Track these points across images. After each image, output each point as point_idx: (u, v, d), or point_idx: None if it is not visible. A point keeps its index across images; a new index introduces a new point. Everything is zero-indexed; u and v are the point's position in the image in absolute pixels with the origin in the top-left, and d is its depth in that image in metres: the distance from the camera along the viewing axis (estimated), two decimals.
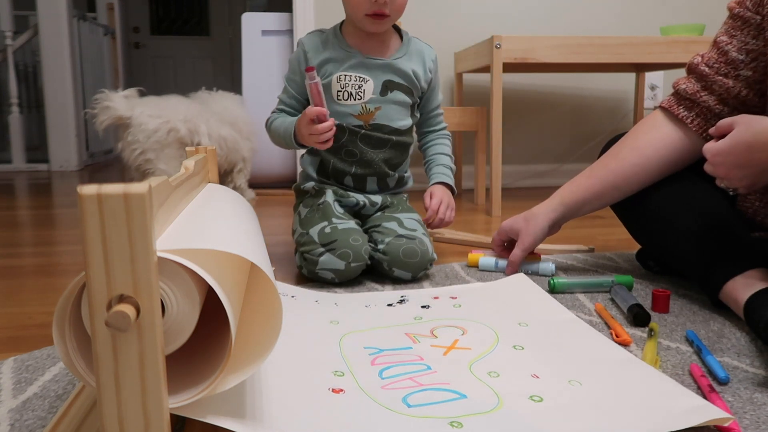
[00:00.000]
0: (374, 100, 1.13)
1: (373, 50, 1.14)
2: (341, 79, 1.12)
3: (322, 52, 1.13)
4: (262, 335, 0.49)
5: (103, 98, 1.81)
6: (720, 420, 0.55)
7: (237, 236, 0.51)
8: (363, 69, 1.13)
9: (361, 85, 1.13)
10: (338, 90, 1.12)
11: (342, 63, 1.13)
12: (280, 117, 1.16)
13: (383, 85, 1.14)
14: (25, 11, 3.69)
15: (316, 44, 1.14)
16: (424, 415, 0.56)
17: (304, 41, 1.15)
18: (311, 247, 1.04)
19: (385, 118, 1.15)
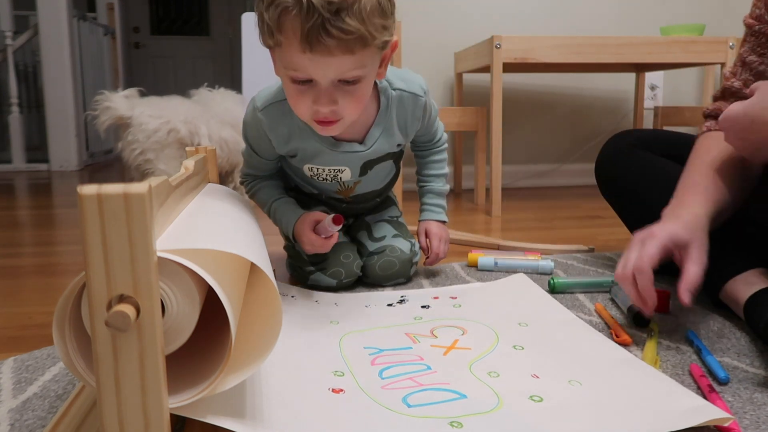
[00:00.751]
0: (353, 180, 1.00)
1: (350, 130, 0.91)
2: (313, 169, 0.97)
3: (286, 138, 0.93)
4: (262, 335, 0.49)
5: (103, 99, 1.81)
6: (720, 420, 0.55)
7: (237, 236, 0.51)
8: (336, 161, 0.95)
9: (337, 175, 0.98)
10: (312, 174, 0.98)
11: (311, 155, 0.94)
12: (264, 189, 1.02)
13: (361, 167, 0.98)
14: (25, 11, 3.69)
15: (277, 127, 0.92)
16: (424, 415, 0.56)
17: (261, 120, 0.91)
18: (301, 263, 1.01)
19: (366, 186, 1.03)
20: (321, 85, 0.77)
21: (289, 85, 0.79)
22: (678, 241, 0.77)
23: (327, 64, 0.74)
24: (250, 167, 1.02)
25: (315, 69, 0.75)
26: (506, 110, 2.44)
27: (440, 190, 1.12)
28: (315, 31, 0.70)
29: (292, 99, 0.81)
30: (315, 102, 0.78)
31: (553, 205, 2.03)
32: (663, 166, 0.99)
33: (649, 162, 1.01)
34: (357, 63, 0.75)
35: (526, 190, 2.46)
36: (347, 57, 0.74)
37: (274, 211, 1.00)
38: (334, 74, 0.76)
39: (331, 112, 0.79)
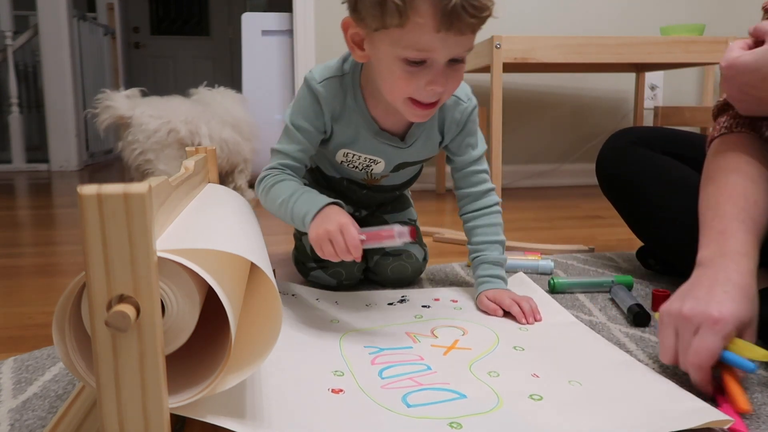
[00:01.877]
0: (383, 173, 0.97)
1: (394, 122, 0.90)
2: (348, 155, 0.94)
3: (339, 116, 0.90)
4: (261, 335, 0.49)
5: (104, 98, 1.81)
6: (720, 422, 0.54)
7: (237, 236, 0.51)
8: (375, 152, 0.93)
9: (370, 165, 0.95)
10: (343, 161, 0.95)
11: (353, 138, 0.91)
12: (286, 179, 0.89)
13: (395, 166, 0.96)
14: (25, 11, 3.69)
15: (334, 103, 0.89)
16: (424, 416, 0.56)
17: (320, 91, 0.87)
18: (304, 258, 1.02)
19: (392, 181, 1.01)
20: (438, 64, 0.75)
21: (397, 67, 0.76)
22: (742, 324, 0.62)
23: (457, 43, 0.74)
24: (281, 157, 0.91)
25: (444, 48, 0.74)
26: (506, 110, 2.44)
27: (496, 258, 0.93)
28: (456, 11, 0.70)
29: (399, 81, 0.77)
30: (431, 83, 0.76)
31: (553, 205, 2.03)
32: (664, 163, 0.99)
33: (650, 159, 1.01)
34: (473, 41, 0.76)
35: (526, 190, 2.46)
36: (472, 36, 0.75)
37: (296, 198, 0.84)
38: (457, 53, 0.75)
39: (443, 91, 0.78)
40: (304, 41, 2.34)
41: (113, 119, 1.82)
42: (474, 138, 0.97)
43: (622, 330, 0.82)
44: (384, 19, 0.72)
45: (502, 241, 0.95)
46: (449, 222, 1.72)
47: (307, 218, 0.80)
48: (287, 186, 0.87)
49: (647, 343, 0.77)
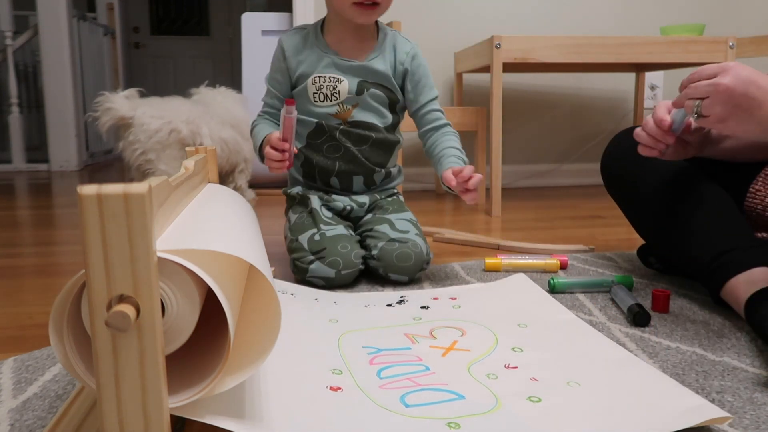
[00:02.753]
0: (350, 99, 1.12)
1: (350, 51, 1.12)
2: (316, 81, 1.11)
3: (300, 52, 1.13)
4: (260, 337, 0.49)
5: (104, 100, 1.81)
6: (719, 420, 0.55)
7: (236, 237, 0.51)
8: (337, 70, 1.11)
9: (335, 86, 1.11)
10: (314, 92, 1.12)
11: (317, 65, 1.12)
12: (261, 123, 1.16)
13: (358, 84, 1.12)
14: (25, 11, 3.69)
15: (295, 44, 1.13)
16: (422, 416, 0.56)
17: (283, 40, 1.14)
18: (301, 254, 1.04)
19: (363, 115, 1.13)
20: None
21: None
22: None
23: None
24: (264, 107, 1.18)
25: None
26: (506, 110, 2.44)
27: (461, 156, 1.10)
28: None
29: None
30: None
31: (553, 205, 2.03)
32: (671, 163, 0.99)
33: (656, 159, 1.01)
34: None
35: (526, 190, 2.46)
36: None
37: (255, 135, 1.14)
38: None
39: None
40: None
41: (114, 121, 1.82)
42: (429, 80, 1.17)
43: (622, 330, 0.82)
44: None
45: (462, 151, 1.12)
46: (449, 222, 1.72)
47: (257, 150, 1.13)
48: (258, 129, 1.15)
49: (647, 343, 0.77)
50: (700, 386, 0.65)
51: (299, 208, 1.15)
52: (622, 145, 1.07)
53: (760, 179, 0.94)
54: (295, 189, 1.19)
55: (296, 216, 1.14)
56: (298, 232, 1.08)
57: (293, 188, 1.20)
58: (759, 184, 0.94)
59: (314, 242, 1.05)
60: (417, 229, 1.11)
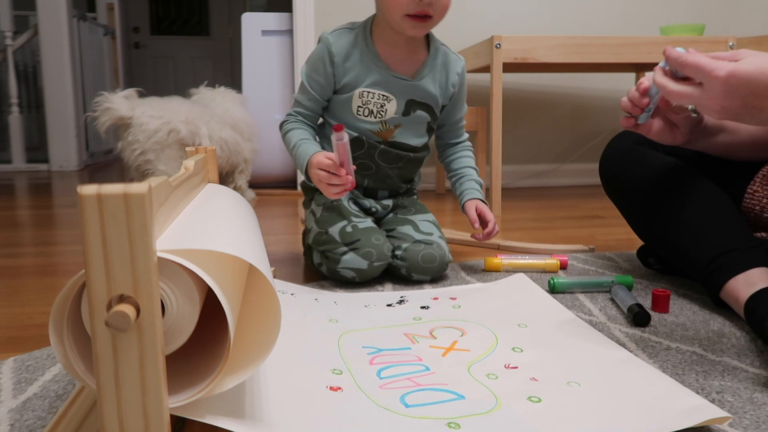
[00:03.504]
0: (395, 119, 1.08)
1: (401, 63, 1.07)
2: (363, 95, 1.06)
3: (348, 58, 1.05)
4: (260, 337, 0.49)
5: (103, 100, 1.81)
6: (719, 420, 0.55)
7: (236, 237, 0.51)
8: (387, 87, 1.06)
9: (383, 104, 1.06)
10: (359, 105, 1.07)
11: (366, 77, 1.05)
12: (297, 127, 1.08)
13: (406, 104, 1.08)
14: (25, 11, 3.69)
15: (345, 48, 1.05)
16: (422, 416, 0.56)
17: (331, 41, 1.04)
18: (333, 246, 1.04)
19: (404, 136, 1.10)
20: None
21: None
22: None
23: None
24: (296, 106, 1.10)
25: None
26: (506, 110, 2.44)
27: (477, 178, 1.19)
28: None
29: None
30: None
31: (553, 205, 2.03)
32: (668, 163, 0.99)
33: (654, 160, 1.01)
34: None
35: (526, 190, 2.46)
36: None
37: (292, 141, 1.06)
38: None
39: (429, 3, 0.95)
40: (304, 41, 2.34)
41: (113, 121, 1.82)
42: (463, 98, 1.18)
43: (622, 330, 0.82)
44: None
45: (477, 169, 1.20)
46: (449, 222, 1.72)
47: (302, 169, 1.03)
48: (294, 135, 1.06)
49: (647, 343, 0.77)
50: (700, 386, 0.65)
51: (322, 199, 1.12)
52: (620, 147, 1.07)
53: (758, 180, 0.94)
54: None
55: (321, 208, 1.11)
56: (327, 224, 1.07)
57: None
58: (757, 185, 0.94)
59: (347, 234, 1.04)
60: (439, 231, 1.12)
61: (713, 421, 0.55)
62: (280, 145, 2.46)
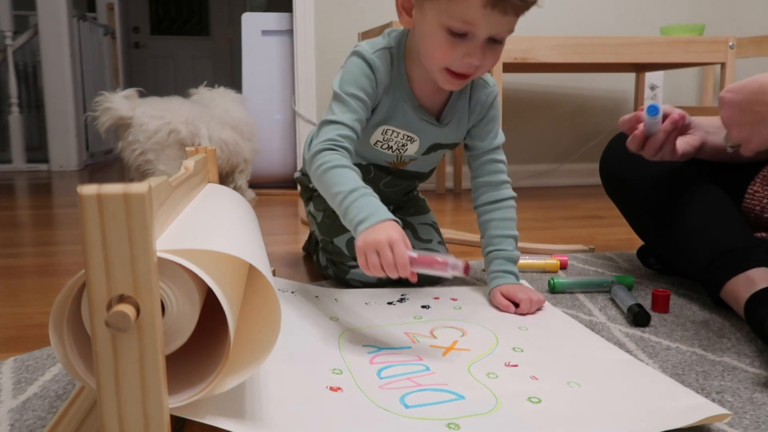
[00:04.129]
0: (413, 156, 0.99)
1: (429, 98, 0.93)
2: (387, 132, 0.94)
3: (384, 86, 0.90)
4: (260, 337, 0.49)
5: (103, 100, 1.81)
6: (718, 417, 0.55)
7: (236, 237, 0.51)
8: (413, 129, 0.94)
9: (405, 144, 0.95)
10: (379, 140, 0.95)
11: (394, 113, 0.92)
12: (344, 164, 0.82)
13: (429, 147, 0.97)
14: (25, 11, 3.69)
15: (385, 74, 0.89)
16: (422, 416, 0.56)
17: (377, 64, 0.88)
18: (341, 258, 1.01)
19: (417, 166, 1.02)
20: (479, 39, 0.79)
21: (441, 36, 0.80)
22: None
23: (498, 22, 0.78)
24: (339, 127, 0.85)
25: (487, 25, 0.78)
26: (506, 110, 2.44)
27: (510, 255, 0.94)
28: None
29: (439, 48, 0.81)
30: (468, 55, 0.80)
31: (553, 205, 2.03)
32: (669, 164, 0.99)
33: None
34: (515, 24, 0.81)
35: (526, 190, 2.46)
36: (515, 18, 0.80)
37: (349, 197, 0.79)
38: (498, 32, 0.80)
39: (479, 66, 0.82)
40: (304, 41, 2.34)
41: (114, 120, 1.82)
42: (496, 125, 0.98)
43: (622, 330, 0.82)
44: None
45: (515, 236, 0.96)
46: (450, 222, 1.72)
47: (362, 226, 0.75)
48: (347, 177, 0.81)
49: (647, 343, 0.77)
50: (700, 386, 0.65)
51: (322, 204, 1.04)
52: (620, 147, 1.06)
53: (759, 180, 0.94)
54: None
55: (322, 214, 1.05)
56: (332, 233, 1.02)
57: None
58: (757, 185, 0.94)
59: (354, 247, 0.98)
60: (439, 234, 1.10)
61: (713, 419, 0.55)
62: (280, 145, 2.46)
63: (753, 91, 0.73)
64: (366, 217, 0.76)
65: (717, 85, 2.54)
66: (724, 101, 0.77)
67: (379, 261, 0.71)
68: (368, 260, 0.72)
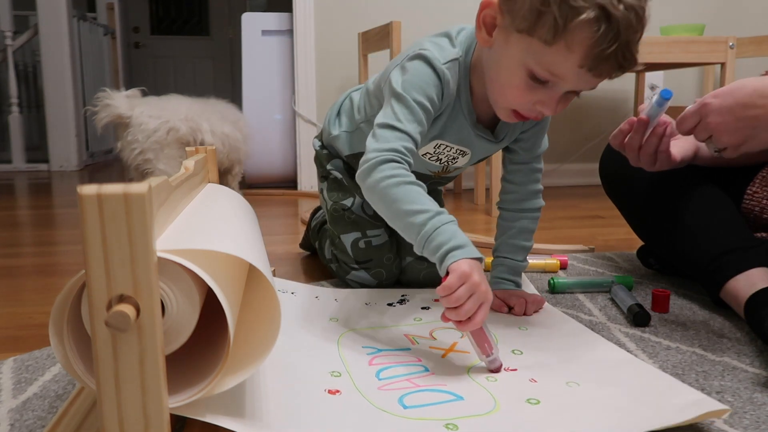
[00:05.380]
0: (460, 167, 0.95)
1: (485, 113, 0.85)
2: (440, 147, 0.88)
3: (447, 99, 0.82)
4: (260, 337, 0.49)
5: (104, 96, 1.81)
6: (717, 412, 0.54)
7: (236, 237, 0.51)
8: (468, 144, 0.88)
9: (456, 158, 0.91)
10: (429, 153, 0.89)
11: (451, 127, 0.85)
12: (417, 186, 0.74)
13: (479, 159, 0.95)
14: (25, 11, 3.69)
15: (452, 87, 0.82)
16: (420, 417, 0.56)
17: (448, 76, 0.80)
18: (344, 258, 1.01)
19: (456, 173, 0.98)
20: (559, 91, 0.73)
21: (520, 76, 0.72)
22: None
23: (588, 82, 0.72)
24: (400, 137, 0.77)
25: (575, 82, 0.72)
26: None
27: (515, 265, 0.92)
28: (608, 58, 0.69)
29: (514, 89, 0.74)
30: (542, 104, 0.74)
31: (553, 205, 2.03)
32: None
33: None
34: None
35: None
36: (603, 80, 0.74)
37: (440, 224, 0.71)
38: (582, 88, 0.74)
39: (539, 114, 0.76)
40: (304, 41, 2.34)
41: (111, 118, 1.82)
42: (544, 134, 0.93)
43: (622, 330, 0.82)
44: (534, 28, 0.68)
45: (528, 248, 0.93)
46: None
47: (459, 253, 0.68)
48: (424, 197, 0.74)
49: (647, 343, 0.77)
50: (700, 386, 0.65)
51: (335, 194, 1.01)
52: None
53: (758, 181, 0.94)
54: (334, 166, 1.03)
55: (332, 203, 1.01)
56: (340, 227, 1.00)
57: (331, 162, 1.03)
58: (756, 186, 0.94)
59: (359, 250, 0.99)
60: None
61: (713, 414, 0.54)
62: (280, 145, 2.46)
63: (747, 94, 0.72)
64: (461, 245, 0.69)
65: (717, 85, 2.54)
66: (712, 107, 0.75)
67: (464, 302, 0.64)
68: (458, 292, 0.65)
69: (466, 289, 0.64)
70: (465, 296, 0.64)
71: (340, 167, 1.03)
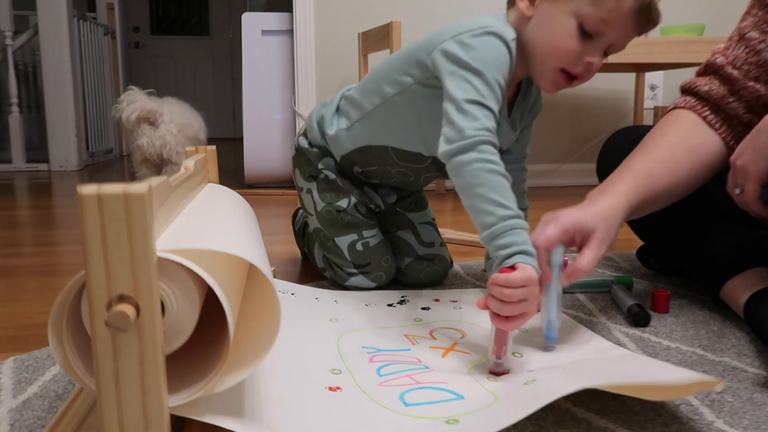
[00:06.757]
0: None
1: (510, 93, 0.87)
2: None
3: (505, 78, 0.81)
4: (260, 336, 0.49)
5: (132, 93, 2.05)
6: (708, 384, 0.54)
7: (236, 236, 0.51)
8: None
9: None
10: None
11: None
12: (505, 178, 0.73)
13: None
14: (25, 11, 3.69)
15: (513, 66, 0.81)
16: (421, 415, 0.56)
17: (513, 53, 0.79)
18: (341, 262, 0.99)
19: None
20: (604, 44, 0.77)
21: (570, 27, 0.75)
22: (581, 229, 0.74)
23: (628, 34, 0.78)
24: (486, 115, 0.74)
25: (621, 31, 0.76)
26: None
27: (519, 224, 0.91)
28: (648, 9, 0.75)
29: (566, 41, 0.76)
30: (592, 54, 0.77)
31: (553, 205, 2.02)
32: None
33: None
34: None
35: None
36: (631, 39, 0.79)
37: (519, 225, 0.71)
38: (619, 44, 0.79)
39: (590, 71, 0.79)
40: (304, 41, 2.34)
41: (142, 113, 2.03)
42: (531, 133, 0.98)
43: (622, 330, 0.82)
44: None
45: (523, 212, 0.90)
46: (450, 222, 1.72)
47: (526, 260, 0.67)
48: (508, 193, 0.72)
49: (647, 343, 0.77)
50: None
51: (327, 195, 0.99)
52: (618, 145, 1.06)
53: None
54: (326, 165, 0.99)
55: (325, 205, 0.98)
56: (334, 230, 0.98)
57: (323, 161, 0.99)
58: None
59: (357, 253, 0.97)
60: (439, 235, 1.07)
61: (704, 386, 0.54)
62: (280, 145, 2.46)
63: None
64: (534, 255, 0.69)
65: None
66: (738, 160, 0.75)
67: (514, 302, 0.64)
68: (516, 290, 0.64)
69: (523, 292, 0.64)
70: (518, 298, 0.64)
71: (332, 166, 0.99)
